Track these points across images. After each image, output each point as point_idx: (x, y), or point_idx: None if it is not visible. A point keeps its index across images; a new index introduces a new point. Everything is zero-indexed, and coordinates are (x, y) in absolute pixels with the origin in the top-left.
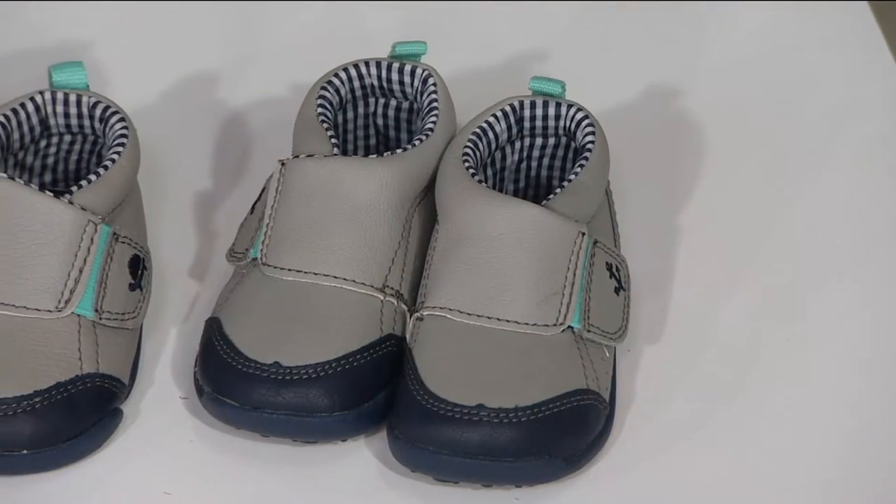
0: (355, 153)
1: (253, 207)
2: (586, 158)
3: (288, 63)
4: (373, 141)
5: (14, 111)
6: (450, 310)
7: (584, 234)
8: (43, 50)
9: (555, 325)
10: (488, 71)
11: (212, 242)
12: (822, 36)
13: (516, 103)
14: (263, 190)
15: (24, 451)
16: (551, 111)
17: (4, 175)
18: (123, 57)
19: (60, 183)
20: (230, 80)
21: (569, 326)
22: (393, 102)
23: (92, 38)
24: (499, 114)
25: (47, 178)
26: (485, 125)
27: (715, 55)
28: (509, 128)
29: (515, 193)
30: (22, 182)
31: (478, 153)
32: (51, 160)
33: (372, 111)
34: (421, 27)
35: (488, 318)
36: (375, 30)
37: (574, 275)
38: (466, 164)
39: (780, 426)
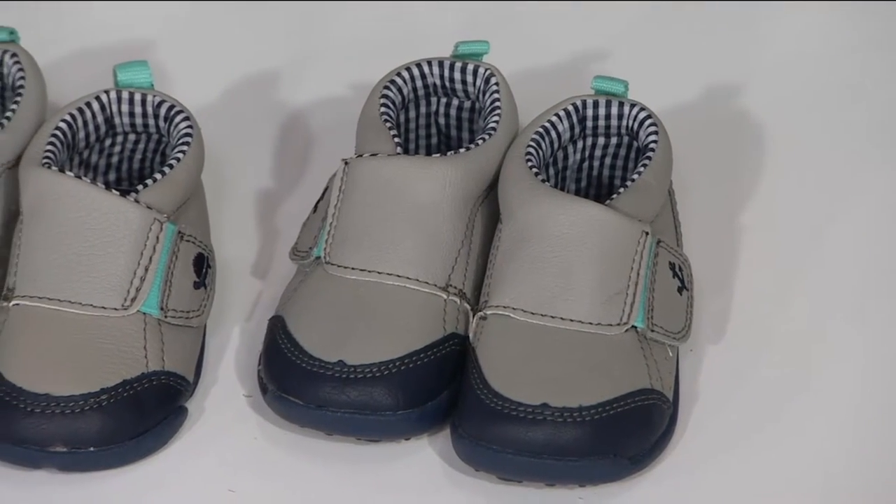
0: (417, 152)
1: (316, 206)
2: (649, 158)
3: (348, 62)
4: (434, 140)
5: (80, 110)
6: (513, 309)
7: (647, 233)
8: (106, 49)
9: (618, 324)
10: (548, 70)
11: (274, 241)
12: (880, 36)
13: (579, 103)
14: (326, 189)
15: (92, 448)
16: (614, 110)
17: (71, 174)
18: (185, 56)
19: (124, 182)
20: (291, 79)
21: (632, 326)
22: (455, 102)
23: (155, 38)
24: (561, 113)
25: (111, 176)
26: (547, 124)
27: (774, 54)
28: (572, 127)
29: (577, 193)
30: (89, 181)
31: (540, 152)
32: (115, 159)
33: (434, 110)
34: (481, 27)
35: (552, 317)
36: (435, 29)
37: (638, 274)
38: (530, 164)
39: (844, 427)
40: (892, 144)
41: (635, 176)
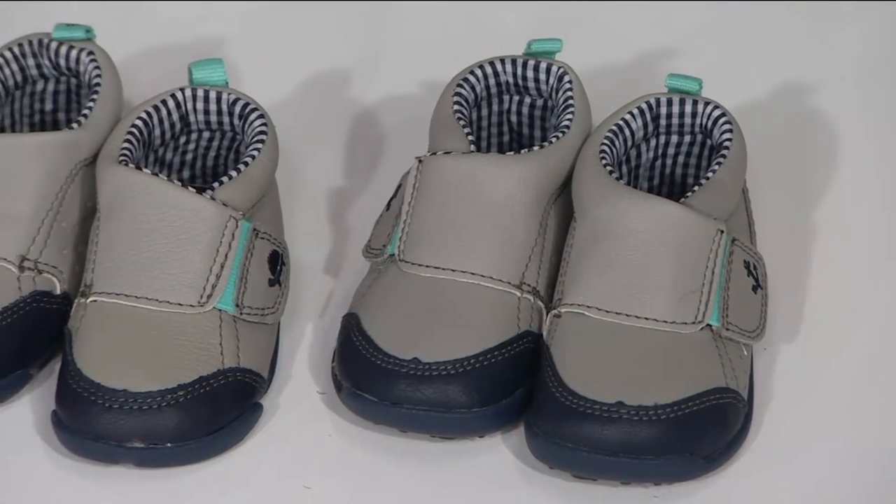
0: (488, 150)
1: (389, 204)
2: (724, 156)
3: (418, 60)
4: (506, 138)
5: (155, 108)
6: (588, 307)
7: (722, 231)
8: (179, 46)
9: (693, 322)
10: (619, 68)
11: (345, 238)
12: None
13: (653, 101)
14: (399, 186)
15: (168, 444)
16: (688, 108)
17: (148, 171)
18: (257, 54)
19: (198, 179)
20: (362, 77)
21: (707, 324)
22: (527, 100)
23: (227, 35)
24: (635, 111)
25: (185, 174)
26: (621, 122)
27: (848, 53)
28: (645, 125)
29: (649, 191)
30: (165, 178)
31: (614, 150)
32: (189, 156)
33: (506, 108)
34: (551, 24)
35: (626, 315)
36: (505, 27)
37: (713, 273)
38: (604, 162)
39: None
40: None
41: (710, 174)
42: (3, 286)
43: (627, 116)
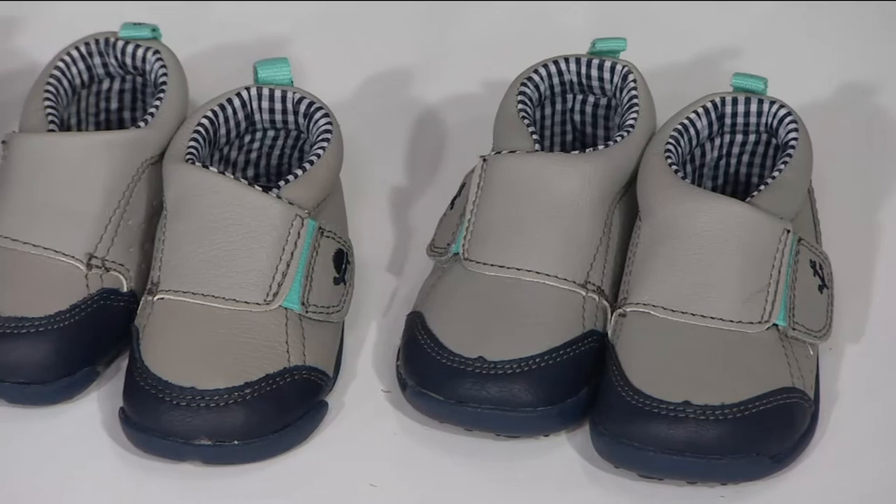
0: (552, 149)
1: (453, 203)
2: (790, 155)
3: (480, 59)
4: (569, 137)
5: (221, 106)
6: (653, 306)
7: (789, 231)
8: (242, 45)
9: (760, 322)
10: (683, 67)
11: (408, 237)
12: None
13: (718, 100)
14: (463, 185)
15: (235, 442)
16: (753, 108)
17: (215, 170)
18: (319, 53)
19: (262, 178)
20: (424, 76)
21: (774, 324)
22: (591, 99)
23: (290, 34)
24: (700, 110)
25: (249, 172)
26: (686, 121)
27: None
28: (710, 124)
29: (713, 190)
30: (232, 176)
31: (679, 149)
32: (254, 155)
33: (570, 107)
34: (614, 23)
35: (692, 314)
36: (567, 26)
37: (779, 272)
38: (669, 161)
39: None
40: None
41: (776, 173)
42: (71, 284)
43: (692, 115)
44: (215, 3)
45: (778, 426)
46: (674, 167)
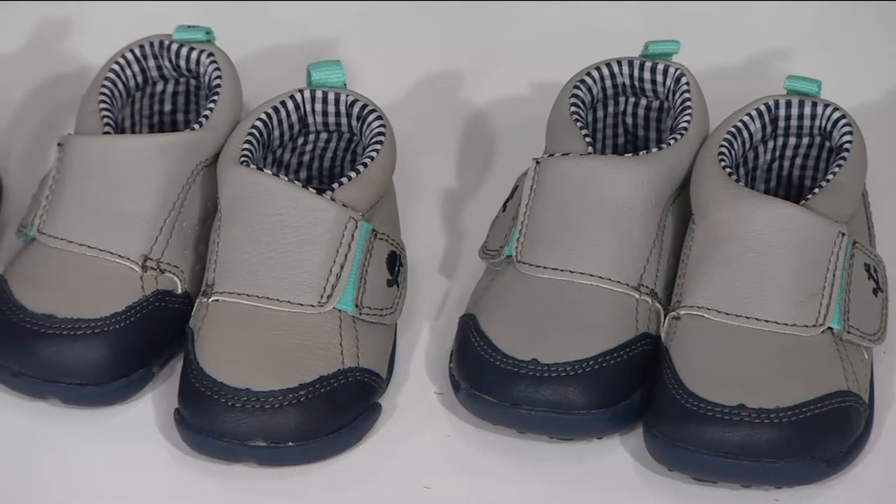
0: (604, 152)
1: (505, 205)
2: (844, 158)
3: (530, 62)
4: (621, 140)
5: (275, 109)
6: (707, 309)
7: (844, 234)
8: (292, 48)
9: (814, 325)
10: (732, 69)
11: (460, 239)
12: None
13: (771, 102)
14: (515, 188)
15: (290, 443)
16: (807, 110)
17: (269, 172)
18: (369, 55)
19: (314, 180)
20: (475, 78)
21: (828, 327)
22: (643, 101)
23: (339, 36)
24: (753, 113)
25: (302, 174)
26: (739, 124)
27: None
28: (763, 127)
29: (766, 193)
30: (286, 179)
31: (733, 152)
32: (306, 157)
33: (622, 110)
34: (664, 26)
35: (747, 318)
36: (617, 28)
37: (834, 275)
38: (723, 164)
39: None
40: None
41: (830, 176)
42: (127, 286)
43: (746, 118)
44: (266, 5)
45: (833, 430)
46: (727, 170)
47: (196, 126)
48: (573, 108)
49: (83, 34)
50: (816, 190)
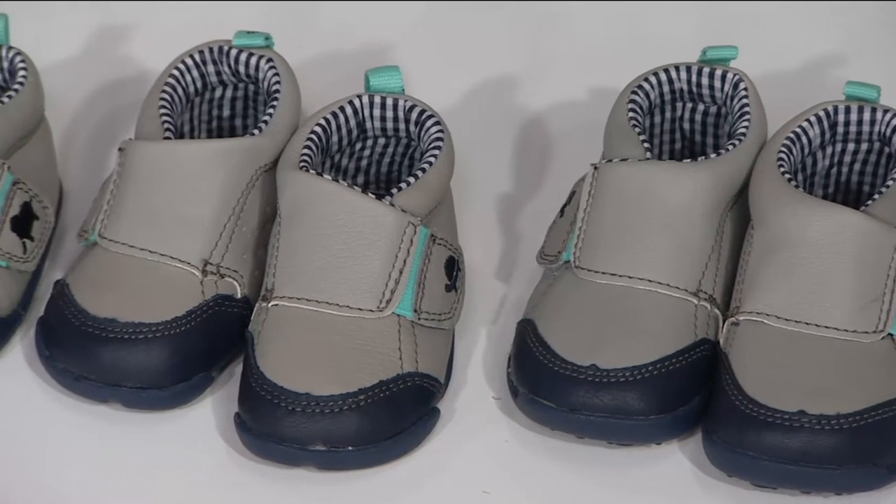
0: (660, 157)
1: (562, 211)
2: None
3: (585, 67)
4: (678, 145)
5: (333, 114)
6: (766, 315)
7: None
8: (348, 53)
9: (874, 332)
10: (789, 74)
11: (516, 244)
12: None
13: (830, 108)
14: (573, 193)
15: (350, 448)
16: (866, 116)
17: (329, 177)
18: (425, 59)
19: (371, 185)
20: (530, 83)
21: (889, 334)
22: (701, 107)
23: (394, 41)
24: (812, 119)
25: (360, 179)
26: (798, 130)
27: None
28: (822, 133)
29: (824, 199)
30: (346, 184)
31: (791, 158)
32: (364, 162)
33: (679, 115)
34: (721, 31)
35: (806, 324)
36: (671, 34)
37: (894, 281)
38: (782, 169)
39: None
40: None
41: (890, 182)
42: (187, 290)
43: (805, 124)
44: (322, 10)
45: (894, 436)
46: (787, 176)
47: (256, 131)
48: (631, 114)
49: (141, 39)
50: (876, 196)
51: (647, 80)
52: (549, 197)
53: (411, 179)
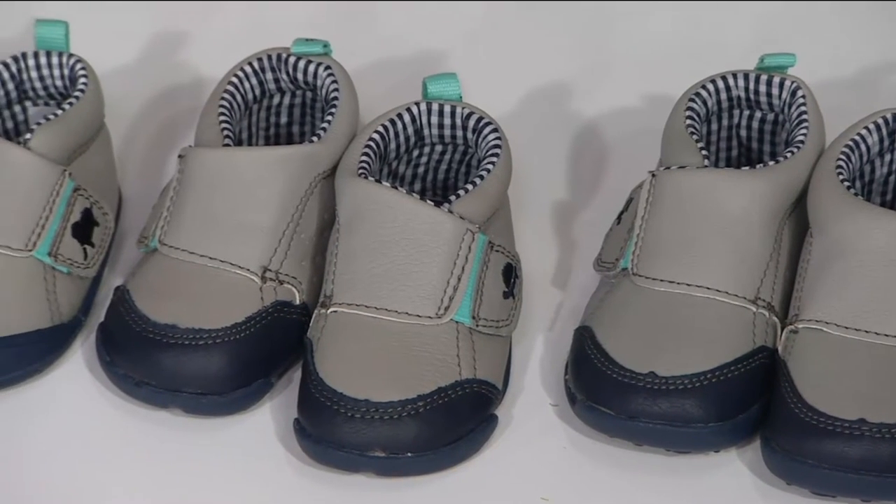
0: (717, 165)
1: (619, 218)
2: None
3: (641, 74)
4: (734, 153)
5: (391, 122)
6: (826, 323)
7: None
8: (403, 60)
9: None
10: (846, 81)
11: (572, 251)
12: None
13: (889, 116)
14: (630, 200)
15: (409, 454)
16: None
17: (388, 184)
18: (481, 66)
19: (428, 192)
20: (586, 90)
21: None
22: (758, 114)
23: (449, 48)
24: (871, 126)
25: (416, 186)
26: (857, 137)
27: None
28: (881, 140)
29: (882, 206)
30: (404, 191)
31: (850, 166)
32: (421, 169)
33: (736, 123)
34: (777, 39)
35: (866, 332)
36: (727, 41)
37: None
38: (841, 177)
39: None
40: None
41: None
42: (246, 296)
43: (863, 131)
44: (379, 17)
45: None
46: (846, 183)
47: (314, 138)
48: (688, 121)
49: (197, 45)
50: None
51: (704, 87)
52: (605, 204)
53: (469, 187)
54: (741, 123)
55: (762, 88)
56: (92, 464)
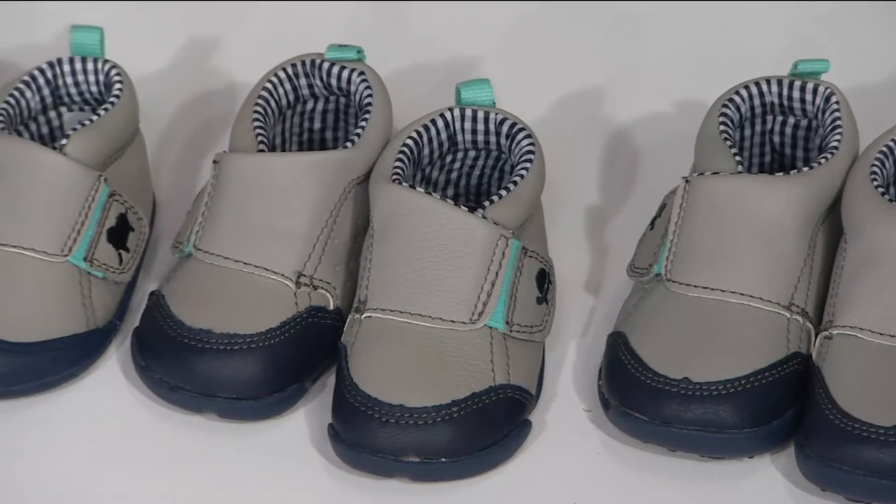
0: (750, 170)
1: (653, 223)
2: None
3: (673, 79)
4: (767, 158)
5: (425, 127)
6: (861, 329)
7: None
8: (438, 65)
9: None
10: (879, 87)
11: (604, 256)
12: None
13: None
14: (663, 206)
15: (443, 459)
16: None
17: (422, 190)
18: (511, 71)
19: (461, 197)
20: (619, 95)
21: None
22: (791, 120)
23: (480, 54)
24: None
25: (450, 191)
26: (891, 143)
27: None
28: None
29: None
30: (438, 197)
31: (884, 171)
32: (454, 175)
33: (769, 128)
34: (809, 45)
35: None
36: (760, 46)
37: None
38: (875, 183)
39: None
40: None
41: None
42: (281, 301)
43: None
44: (411, 23)
45: None
46: (880, 189)
47: (348, 144)
48: (722, 127)
49: (231, 50)
50: None
51: (738, 93)
52: (638, 209)
53: (503, 192)
54: (774, 129)
55: (796, 94)
56: (127, 468)
